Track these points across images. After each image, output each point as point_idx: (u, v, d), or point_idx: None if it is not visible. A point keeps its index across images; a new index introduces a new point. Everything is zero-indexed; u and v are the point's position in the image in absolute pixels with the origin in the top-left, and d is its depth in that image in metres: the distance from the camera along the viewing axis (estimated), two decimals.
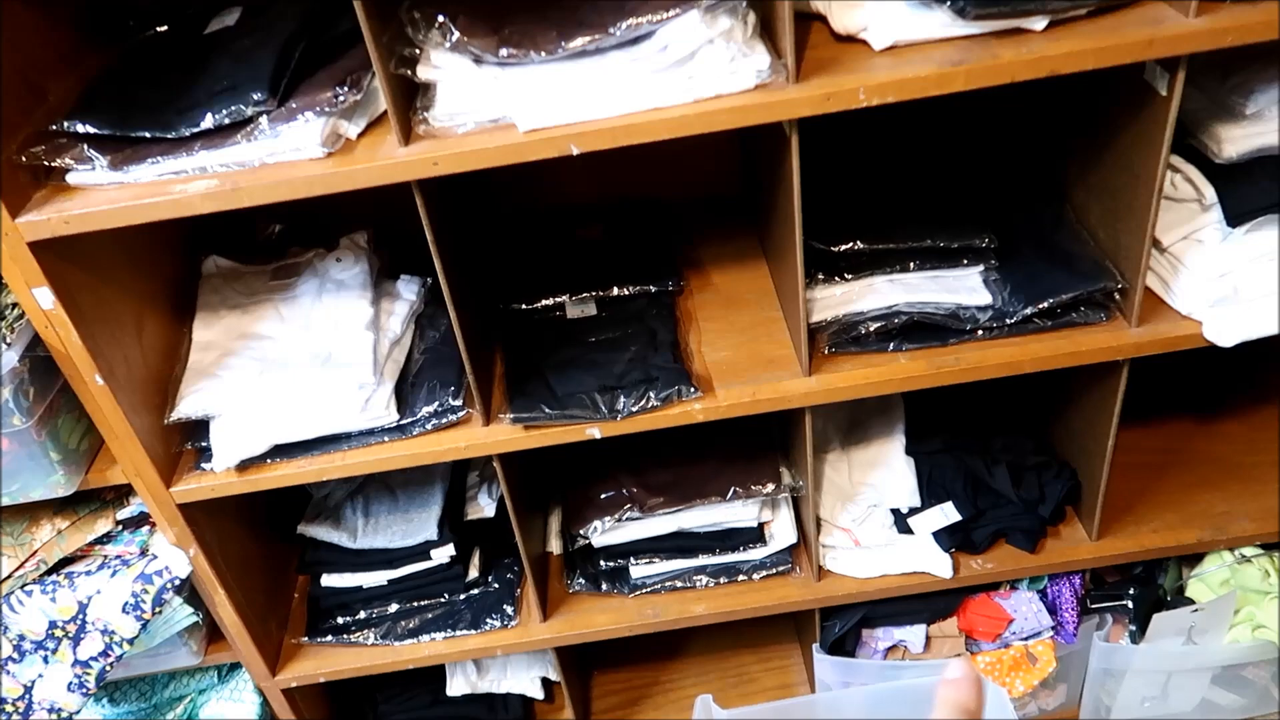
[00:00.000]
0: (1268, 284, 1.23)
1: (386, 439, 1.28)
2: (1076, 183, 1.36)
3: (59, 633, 1.36)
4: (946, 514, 1.46)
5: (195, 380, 1.28)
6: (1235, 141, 1.20)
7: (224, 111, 1.05)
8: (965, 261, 1.29)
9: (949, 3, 1.03)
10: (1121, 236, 1.25)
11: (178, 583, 1.35)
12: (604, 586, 1.53)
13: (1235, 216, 1.20)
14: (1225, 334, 1.23)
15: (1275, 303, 1.23)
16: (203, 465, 1.28)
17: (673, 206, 1.60)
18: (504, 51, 1.04)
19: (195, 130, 1.06)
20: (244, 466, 1.27)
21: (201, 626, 1.51)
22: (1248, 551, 1.51)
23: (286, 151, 1.05)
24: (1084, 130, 1.31)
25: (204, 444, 1.27)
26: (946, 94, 1.04)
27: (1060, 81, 1.05)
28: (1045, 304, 1.24)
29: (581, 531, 1.46)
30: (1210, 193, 1.22)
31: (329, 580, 1.50)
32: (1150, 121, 1.13)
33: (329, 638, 1.52)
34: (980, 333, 1.27)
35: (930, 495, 1.48)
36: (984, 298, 1.27)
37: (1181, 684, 1.59)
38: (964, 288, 1.28)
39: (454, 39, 1.03)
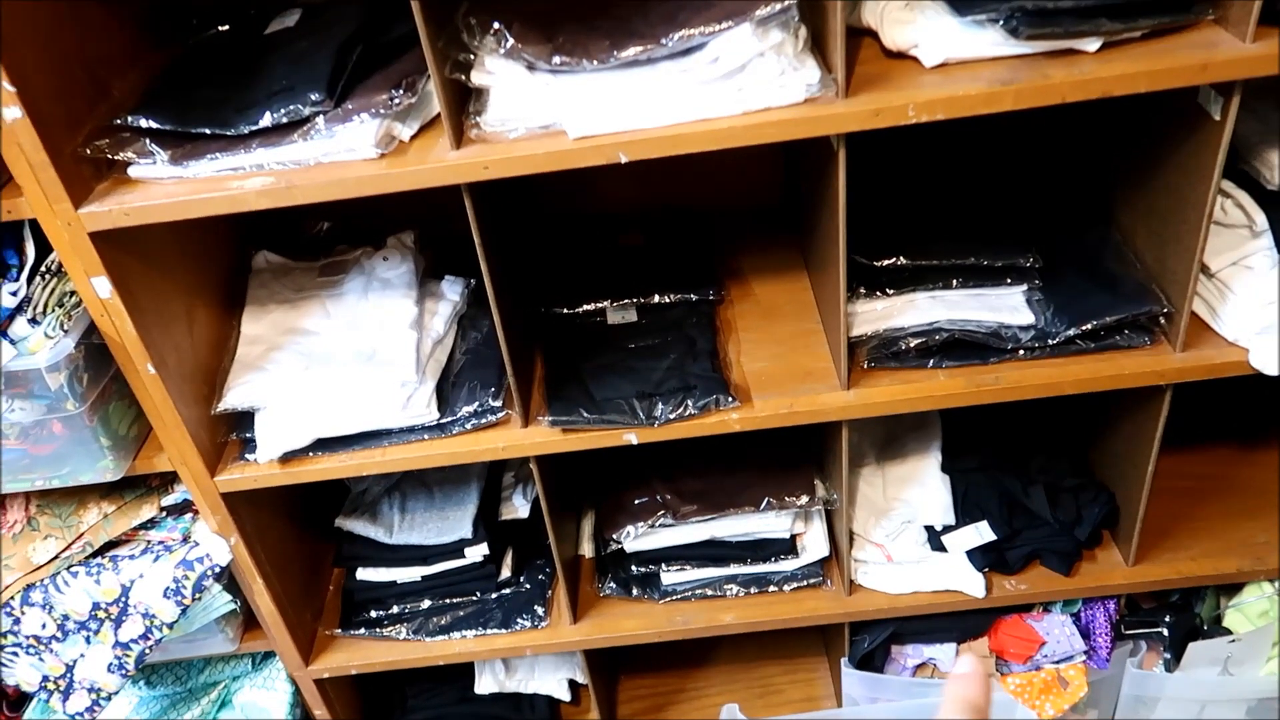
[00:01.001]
0: None
1: (426, 437, 1.29)
2: (1124, 205, 1.36)
3: (102, 614, 1.39)
4: (981, 533, 1.45)
5: (242, 373, 1.31)
6: None
7: (282, 111, 1.07)
8: (1009, 280, 1.28)
9: (1001, 22, 1.03)
10: (1169, 260, 1.24)
11: (218, 570, 1.38)
12: (634, 592, 1.54)
13: None
14: (1272, 362, 1.21)
15: None
16: (246, 456, 1.31)
17: (714, 216, 1.61)
18: (557, 59, 1.05)
19: (253, 128, 1.08)
20: (286, 459, 1.29)
21: (239, 614, 1.53)
22: None
23: (341, 152, 1.08)
24: (1133, 152, 1.30)
25: (248, 435, 1.30)
26: (995, 113, 1.04)
27: (1111, 103, 1.04)
28: (1089, 325, 1.23)
29: (614, 536, 1.47)
30: (1261, 219, 1.21)
31: (364, 574, 1.52)
32: (1202, 146, 1.12)
33: (362, 631, 1.54)
34: (1021, 352, 1.26)
35: (965, 514, 1.47)
36: (1027, 317, 1.26)
37: (1216, 714, 1.57)
38: (1006, 306, 1.28)
39: (508, 45, 1.05)
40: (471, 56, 1.07)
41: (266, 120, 1.08)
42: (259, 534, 1.41)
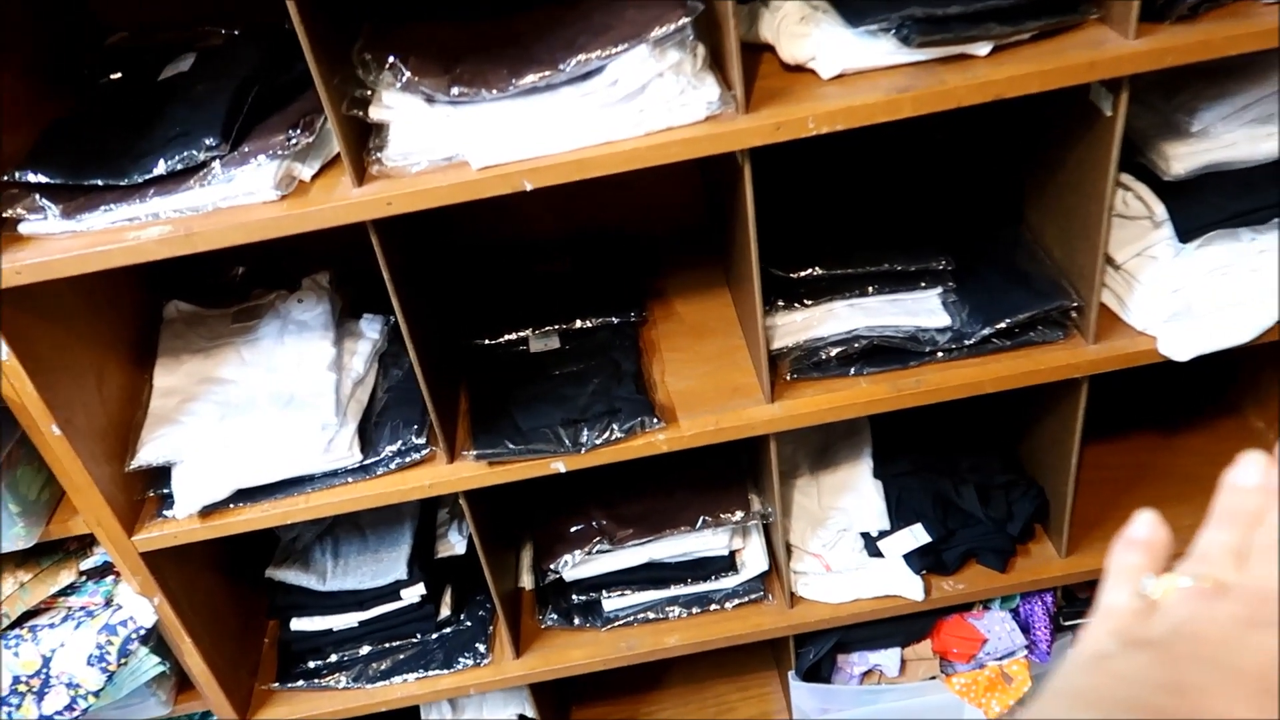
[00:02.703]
0: (1220, 298, 1.25)
1: (350, 480, 1.27)
2: (1031, 203, 1.38)
3: (22, 688, 1.33)
4: (916, 536, 1.46)
5: (156, 426, 1.27)
6: (1182, 158, 1.22)
7: (176, 157, 1.05)
8: (923, 284, 1.30)
9: (893, 31, 1.05)
10: (1076, 255, 1.26)
11: (143, 632, 1.33)
12: (577, 621, 1.52)
13: (1185, 232, 1.22)
14: (1180, 348, 1.24)
15: (1228, 316, 1.24)
16: (165, 513, 1.27)
17: (639, 238, 1.61)
18: (455, 90, 1.04)
19: (148, 176, 1.06)
20: (207, 512, 1.26)
21: (170, 676, 1.48)
22: None
23: (240, 195, 1.06)
24: (1036, 151, 1.33)
25: (166, 491, 1.26)
26: (897, 120, 1.05)
27: (1011, 104, 1.06)
28: (1003, 324, 1.25)
29: (552, 566, 1.45)
30: (1160, 209, 1.24)
31: (299, 624, 1.49)
32: (1097, 141, 1.15)
33: (300, 682, 1.50)
34: (940, 354, 1.28)
35: (900, 518, 1.48)
36: (943, 320, 1.28)
37: None
38: (923, 310, 1.29)
39: (405, 79, 1.04)
40: (369, 92, 1.06)
41: (161, 168, 1.05)
42: (185, 591, 1.37)
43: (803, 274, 1.28)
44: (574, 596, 1.50)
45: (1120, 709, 0.29)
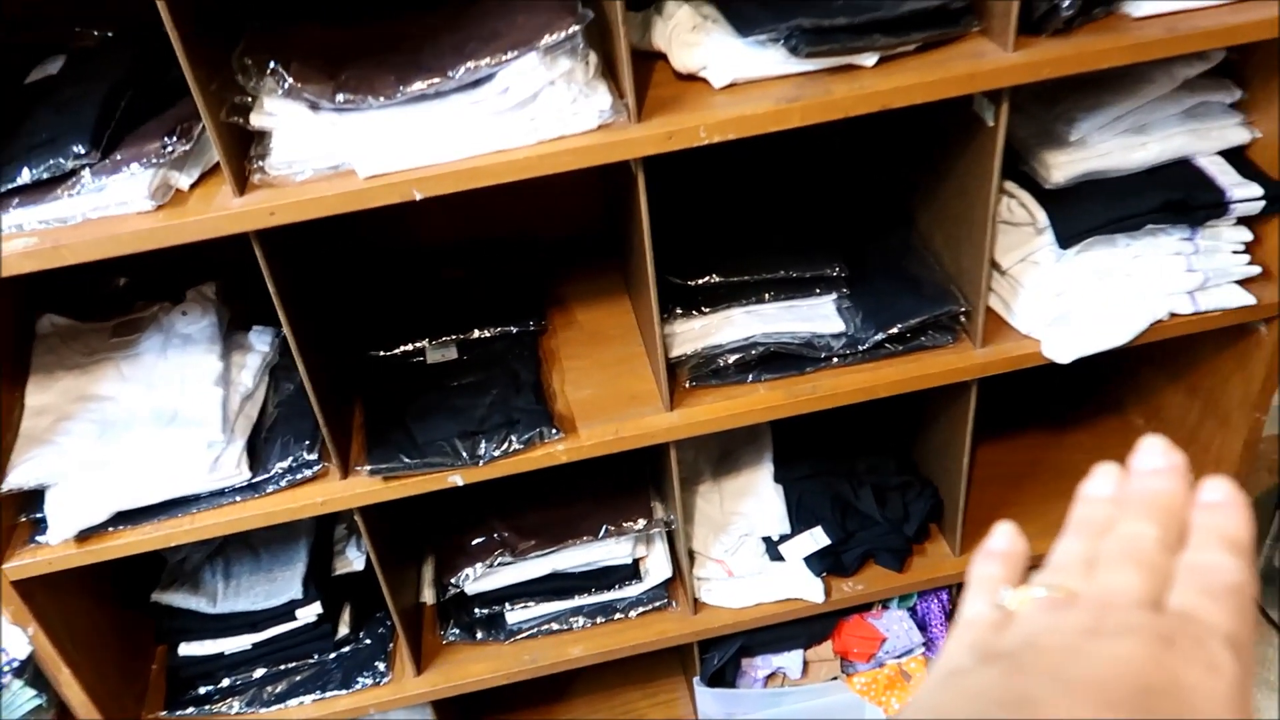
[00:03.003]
0: (1099, 302, 1.30)
1: (239, 499, 1.22)
2: (921, 210, 1.41)
3: None
4: (816, 539, 1.48)
5: (28, 448, 1.21)
6: (1062, 167, 1.26)
7: (42, 166, 1.00)
8: (818, 290, 1.32)
9: (782, 41, 1.06)
10: (963, 261, 1.29)
11: (16, 665, 1.26)
12: (479, 635, 1.49)
13: (1066, 238, 1.26)
14: (1062, 351, 1.28)
15: (1106, 319, 1.29)
16: (38, 538, 1.21)
17: (539, 245, 1.59)
18: (341, 97, 1.02)
19: (11, 186, 1.00)
20: (84, 536, 1.20)
21: (48, 709, 1.40)
22: None
23: (112, 205, 1.01)
24: (925, 160, 1.36)
25: (39, 515, 1.20)
26: (786, 129, 1.06)
27: (900, 113, 1.08)
28: (895, 329, 1.28)
29: (453, 580, 1.43)
30: (1042, 216, 1.28)
31: (188, 649, 1.43)
32: (981, 150, 1.18)
33: (190, 710, 1.44)
34: (835, 360, 1.29)
35: (800, 521, 1.50)
36: (837, 325, 1.30)
37: None
38: (818, 316, 1.31)
39: (288, 85, 1.00)
40: (250, 99, 1.03)
41: (25, 177, 1.00)
42: (63, 620, 1.30)
43: (700, 281, 1.28)
44: (476, 610, 1.48)
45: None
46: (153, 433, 1.22)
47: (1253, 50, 1.26)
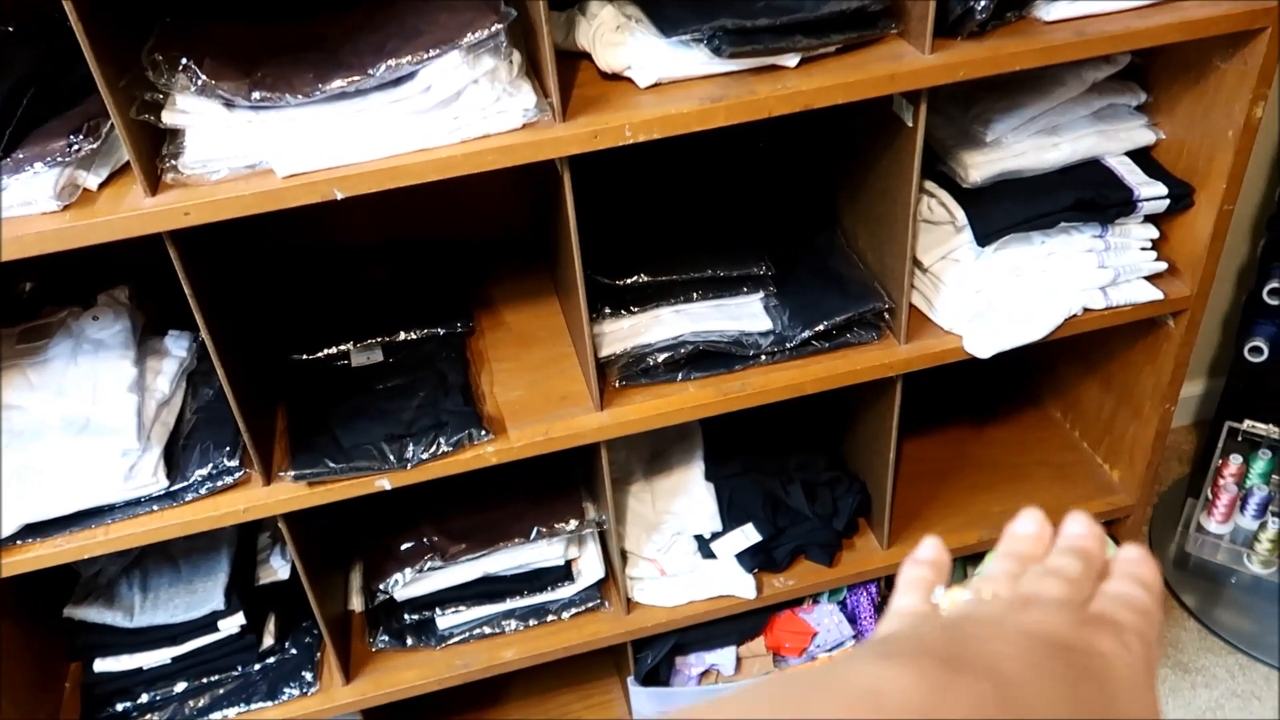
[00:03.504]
0: (1016, 298, 1.33)
1: (156, 508, 1.19)
2: (845, 209, 1.44)
3: None
4: (747, 535, 1.49)
5: None
6: (979, 167, 1.29)
7: None
8: (746, 289, 1.33)
9: (705, 41, 1.07)
10: (886, 259, 1.32)
11: None
12: (410, 641, 1.47)
13: (983, 236, 1.29)
14: (982, 346, 1.31)
15: (1023, 315, 1.32)
16: None
17: (466, 246, 1.58)
18: (257, 94, 0.99)
19: None
20: None
21: None
22: None
23: (15, 206, 0.97)
24: (848, 159, 1.38)
25: None
26: (716, 127, 1.07)
27: (823, 113, 1.10)
28: (821, 326, 1.29)
29: (382, 586, 1.40)
30: (961, 215, 1.31)
31: (103, 665, 1.38)
32: (901, 150, 1.20)
33: None
34: (763, 357, 1.31)
35: (731, 518, 1.51)
36: (765, 324, 1.31)
37: None
38: (746, 314, 1.32)
39: (201, 82, 0.98)
40: (162, 96, 1.00)
41: None
42: None
43: (628, 281, 1.28)
44: (406, 616, 1.46)
45: (898, 641, 0.33)
46: (63, 441, 1.17)
47: (1157, 54, 1.31)
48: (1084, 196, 1.29)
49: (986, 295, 1.33)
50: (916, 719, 0.28)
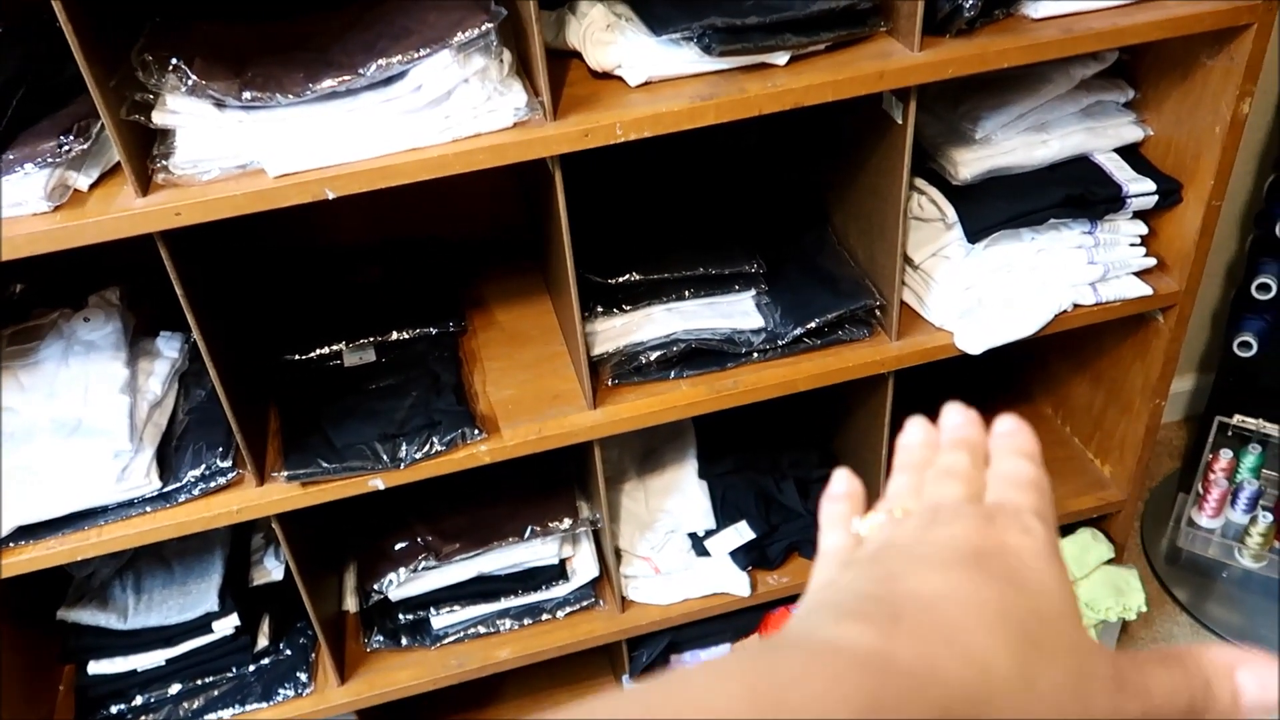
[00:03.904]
0: (1007, 294, 1.34)
1: (149, 509, 1.19)
2: (835, 206, 1.44)
3: None
4: (741, 533, 1.49)
5: None
6: (969, 164, 1.30)
7: None
8: (737, 287, 1.33)
9: (695, 40, 1.07)
10: (877, 256, 1.32)
11: None
12: (404, 641, 1.47)
13: (974, 233, 1.30)
14: (974, 342, 1.32)
15: (1014, 311, 1.33)
16: None
17: (457, 245, 1.58)
18: (247, 94, 0.99)
19: None
20: None
21: None
22: None
23: (6, 207, 0.97)
24: (838, 157, 1.39)
25: None
26: (702, 127, 1.07)
27: (813, 111, 1.10)
28: (813, 324, 1.30)
29: (376, 586, 1.40)
30: (951, 212, 1.32)
31: (97, 667, 1.38)
32: (891, 148, 1.20)
33: None
34: (756, 355, 1.31)
35: (725, 516, 1.51)
36: (757, 321, 1.31)
37: None
38: (738, 312, 1.33)
39: (191, 83, 0.98)
40: (152, 96, 1.00)
41: None
42: None
43: (620, 279, 1.29)
44: (401, 616, 1.46)
45: (843, 600, 0.35)
46: (55, 443, 1.17)
47: (1144, 51, 1.32)
48: (1073, 193, 1.29)
49: (977, 292, 1.34)
50: (876, 670, 0.30)
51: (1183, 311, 1.39)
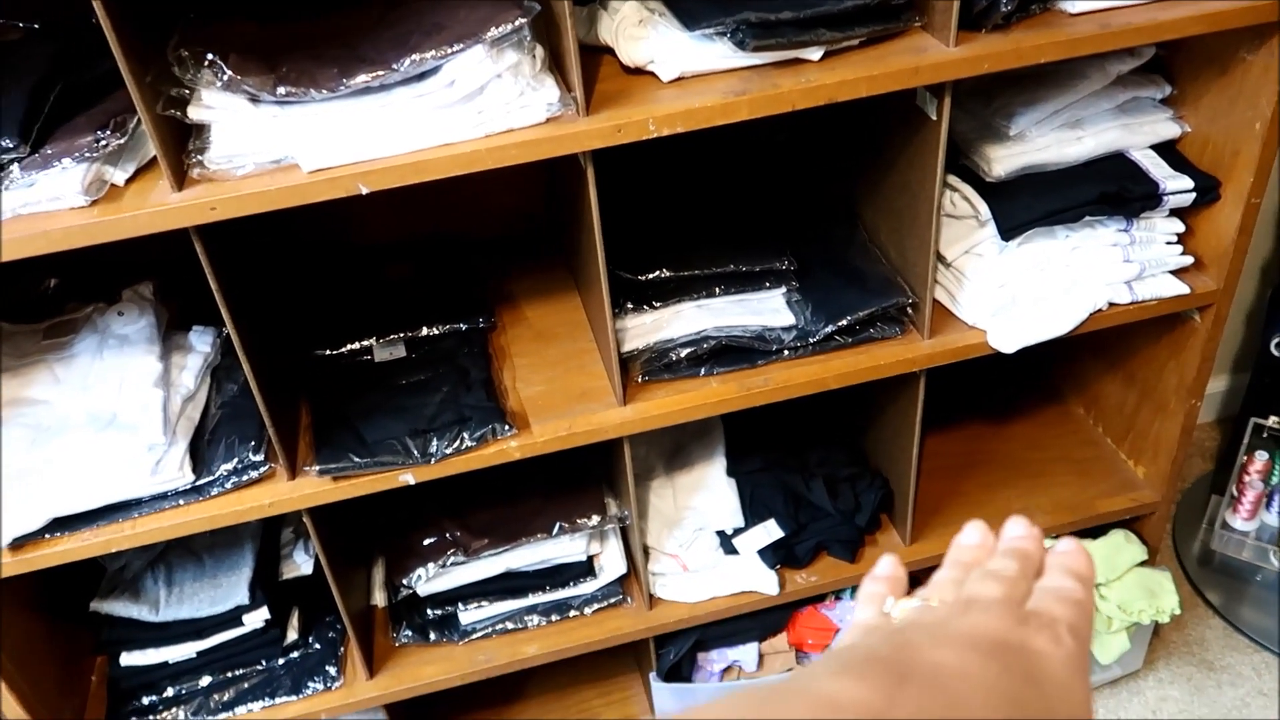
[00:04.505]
0: (1040, 292, 1.32)
1: (182, 502, 1.20)
2: (866, 203, 1.43)
3: None
4: (769, 531, 1.48)
5: None
6: (1002, 161, 1.29)
7: None
8: (768, 284, 1.32)
9: (728, 35, 1.06)
10: (908, 253, 1.31)
11: None
12: (432, 636, 1.48)
13: (1007, 231, 1.29)
14: (1007, 341, 1.30)
15: (1048, 310, 1.31)
16: None
17: (484, 241, 1.58)
18: (282, 90, 1.00)
19: None
20: (18, 545, 1.16)
21: None
22: (1045, 543, 1.60)
23: (44, 201, 0.98)
24: (869, 154, 1.38)
25: None
26: (734, 122, 1.06)
27: (845, 107, 1.09)
28: (844, 321, 1.29)
29: (405, 581, 1.41)
30: (984, 209, 1.30)
31: (129, 659, 1.39)
32: (924, 144, 1.19)
33: None
34: (786, 353, 1.30)
35: (753, 514, 1.50)
36: (787, 318, 1.30)
37: None
38: (768, 309, 1.32)
39: (226, 78, 0.98)
40: (187, 91, 1.00)
41: None
42: None
43: (650, 276, 1.28)
44: (429, 611, 1.47)
45: (854, 658, 0.36)
46: (89, 436, 1.18)
47: (1181, 46, 1.30)
48: (1108, 190, 1.28)
49: (1010, 290, 1.33)
50: None
51: (1220, 310, 1.37)
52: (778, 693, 0.33)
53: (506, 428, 1.23)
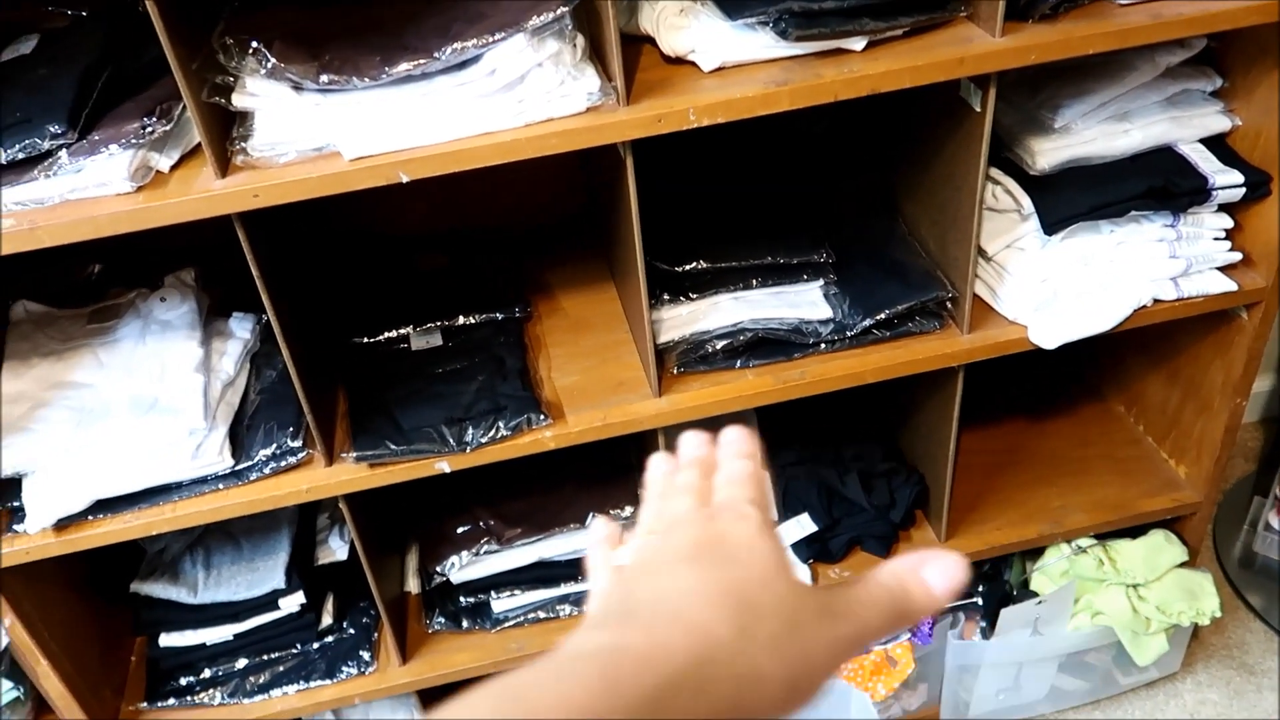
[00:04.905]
0: (1083, 288, 1.30)
1: (221, 486, 1.21)
2: (906, 196, 1.41)
3: None
4: (803, 526, 1.48)
5: (4, 435, 1.18)
6: (1047, 154, 1.27)
7: (17, 146, 0.98)
8: (805, 276, 1.31)
9: (771, 24, 1.05)
10: (949, 247, 1.29)
11: None
12: (465, 624, 1.48)
13: (1050, 225, 1.27)
14: (1048, 337, 1.29)
15: (1090, 305, 1.29)
16: (15, 527, 1.18)
17: (520, 231, 1.58)
18: (325, 78, 1.00)
19: None
20: (62, 526, 1.18)
21: (25, 701, 1.39)
22: (1083, 543, 1.58)
23: (91, 187, 0.99)
24: (910, 146, 1.36)
25: (17, 504, 1.18)
26: (776, 112, 1.06)
27: (886, 99, 1.08)
28: (882, 315, 1.27)
29: (438, 568, 1.42)
30: (1027, 203, 1.29)
31: (168, 640, 1.41)
32: (967, 136, 1.18)
33: (171, 701, 1.42)
34: (823, 346, 1.29)
35: (787, 508, 1.50)
36: (825, 311, 1.29)
37: (1032, 674, 1.65)
38: (805, 302, 1.31)
39: (270, 65, 0.99)
40: (232, 79, 1.01)
41: (1, 157, 0.98)
42: (40, 610, 1.28)
43: (687, 267, 1.28)
44: (462, 599, 1.47)
45: (589, 620, 0.42)
46: (132, 420, 1.20)
47: (1234, 38, 1.27)
48: (1155, 184, 1.25)
49: (1053, 285, 1.31)
50: (609, 660, 0.36)
51: (1269, 308, 1.34)
52: (534, 663, 0.37)
53: (542, 417, 1.23)
